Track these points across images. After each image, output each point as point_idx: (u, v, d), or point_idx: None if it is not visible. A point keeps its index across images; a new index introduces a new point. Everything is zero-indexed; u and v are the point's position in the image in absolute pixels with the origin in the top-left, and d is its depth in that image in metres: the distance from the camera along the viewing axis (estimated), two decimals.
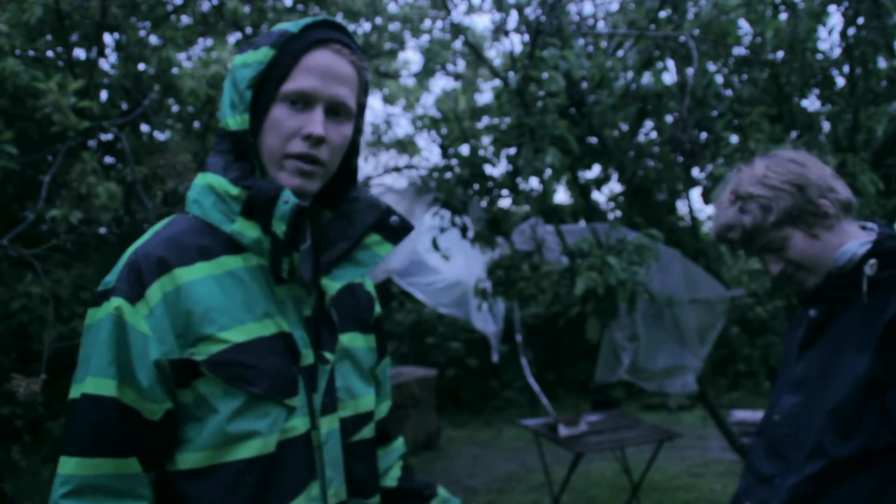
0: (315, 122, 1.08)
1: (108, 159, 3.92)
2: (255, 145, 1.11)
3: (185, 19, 4.14)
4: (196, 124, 4.96)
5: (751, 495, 1.52)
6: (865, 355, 1.37)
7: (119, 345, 1.03)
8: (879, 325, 1.36)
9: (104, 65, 3.89)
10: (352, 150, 1.22)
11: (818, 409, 1.42)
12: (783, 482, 1.44)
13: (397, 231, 1.19)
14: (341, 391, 1.15)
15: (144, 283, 1.04)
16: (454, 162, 4.32)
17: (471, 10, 5.71)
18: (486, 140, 4.45)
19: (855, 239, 1.46)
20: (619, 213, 5.29)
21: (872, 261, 1.41)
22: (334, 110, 1.11)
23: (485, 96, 6.59)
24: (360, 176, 8.98)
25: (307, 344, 1.12)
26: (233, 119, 1.11)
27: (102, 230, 3.36)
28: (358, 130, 1.21)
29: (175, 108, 4.40)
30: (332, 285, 1.15)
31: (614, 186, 5.45)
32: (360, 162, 1.30)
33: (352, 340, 1.21)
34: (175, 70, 3.89)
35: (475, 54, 4.77)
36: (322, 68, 1.09)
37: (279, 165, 1.10)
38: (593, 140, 4.17)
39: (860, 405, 1.36)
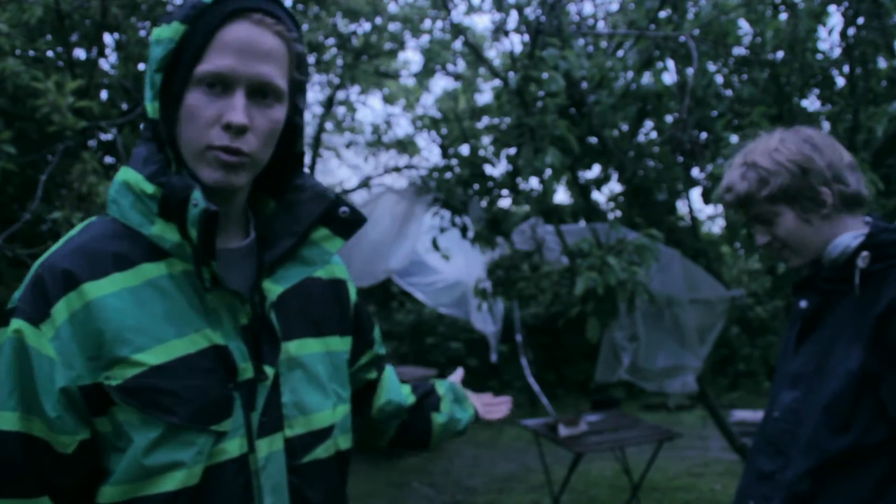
0: (235, 108, 0.93)
1: (109, 159, 3.92)
2: (172, 136, 0.97)
3: None
4: None
5: (752, 492, 1.52)
6: (858, 349, 1.36)
7: (22, 372, 0.91)
8: (871, 317, 1.35)
9: (104, 65, 3.89)
10: (294, 133, 1.07)
11: (815, 404, 1.41)
12: (783, 478, 1.44)
13: (348, 224, 1.06)
14: (289, 407, 1.02)
15: (49, 300, 0.91)
16: (454, 162, 4.32)
17: (471, 10, 5.70)
18: (486, 140, 4.45)
19: (851, 231, 1.45)
20: (619, 213, 5.29)
21: (865, 253, 1.40)
22: (260, 92, 0.96)
23: (485, 96, 6.59)
24: (360, 176, 8.99)
25: (246, 356, 0.99)
26: (149, 105, 0.97)
27: None
28: (296, 111, 1.06)
29: None
30: (274, 289, 1.02)
31: (614, 186, 5.44)
32: (360, 162, 1.20)
33: (301, 348, 1.07)
34: None
35: (475, 54, 4.77)
36: (240, 44, 0.93)
37: (200, 158, 0.95)
38: (593, 140, 4.17)
39: (854, 399, 1.35)
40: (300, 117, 1.07)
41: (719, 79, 3.88)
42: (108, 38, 3.80)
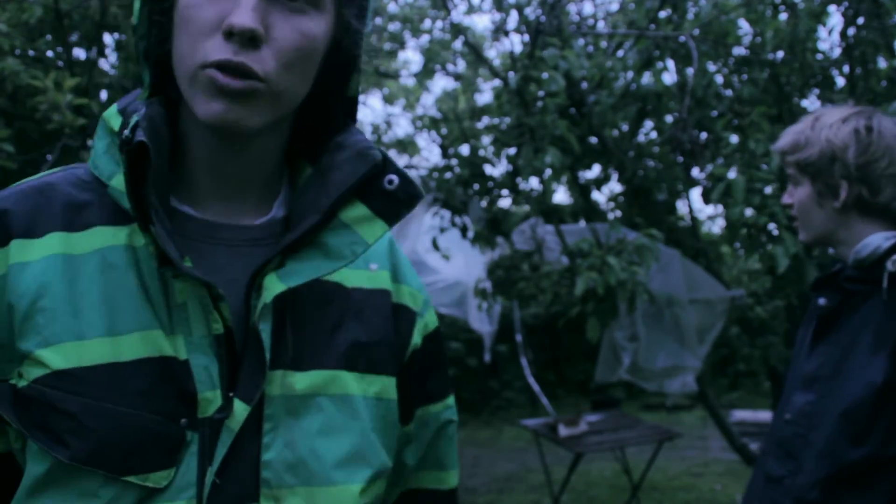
0: (240, 5, 0.63)
1: None
2: (161, 54, 0.70)
3: None
4: None
5: (760, 497, 1.47)
6: (882, 358, 1.31)
7: None
8: None
9: (104, 65, 3.89)
10: (345, 67, 0.74)
11: (830, 409, 1.36)
12: (793, 483, 1.39)
13: (398, 201, 0.71)
14: (275, 468, 0.67)
15: None
16: (454, 162, 4.32)
17: (471, 10, 5.71)
18: (486, 140, 4.45)
19: (882, 232, 1.41)
20: (619, 213, 5.29)
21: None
22: None
23: (485, 96, 6.59)
24: None
25: (215, 381, 0.67)
26: (134, 6, 0.69)
27: None
28: (347, 32, 0.72)
29: None
30: (276, 286, 0.68)
31: (614, 186, 5.45)
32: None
33: (325, 384, 0.72)
34: None
35: (475, 54, 4.77)
36: None
37: (193, 82, 0.66)
38: (593, 140, 4.17)
39: (874, 410, 1.30)
40: (354, 43, 0.73)
41: (719, 79, 3.88)
42: (107, 38, 3.80)
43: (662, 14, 3.80)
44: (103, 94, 3.90)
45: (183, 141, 0.73)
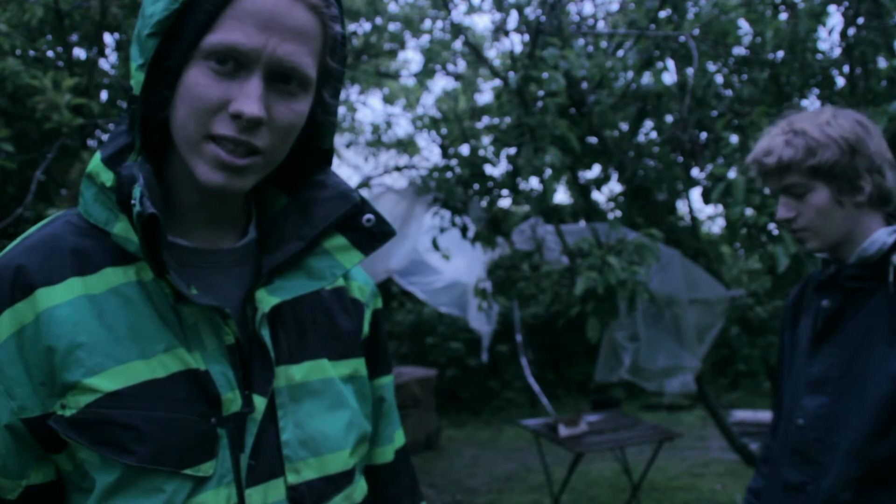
0: (249, 94, 0.73)
1: None
2: (161, 118, 0.79)
3: None
4: None
5: None
6: None
7: None
8: None
9: (104, 65, 3.89)
10: (322, 129, 0.88)
11: (850, 409, 1.34)
12: (817, 488, 1.36)
13: (372, 236, 0.86)
14: (293, 446, 0.83)
15: None
16: (454, 162, 4.32)
17: (471, 10, 5.71)
18: (486, 140, 4.45)
19: (885, 228, 1.39)
20: (619, 213, 5.29)
21: None
22: (282, 77, 0.76)
23: (485, 96, 6.59)
24: (360, 176, 8.99)
25: (233, 384, 0.80)
26: (134, 76, 0.77)
27: None
28: (321, 104, 0.85)
29: None
30: (268, 300, 0.83)
31: (614, 186, 5.45)
32: (360, 162, 0.90)
33: (313, 372, 0.87)
34: None
35: (475, 54, 4.77)
36: (264, 15, 0.73)
37: (196, 150, 0.76)
38: (593, 140, 4.17)
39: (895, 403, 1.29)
40: (327, 114, 0.87)
41: (719, 79, 3.88)
42: (108, 38, 3.80)
43: (662, 14, 3.80)
44: (103, 95, 3.90)
45: (172, 185, 0.84)
